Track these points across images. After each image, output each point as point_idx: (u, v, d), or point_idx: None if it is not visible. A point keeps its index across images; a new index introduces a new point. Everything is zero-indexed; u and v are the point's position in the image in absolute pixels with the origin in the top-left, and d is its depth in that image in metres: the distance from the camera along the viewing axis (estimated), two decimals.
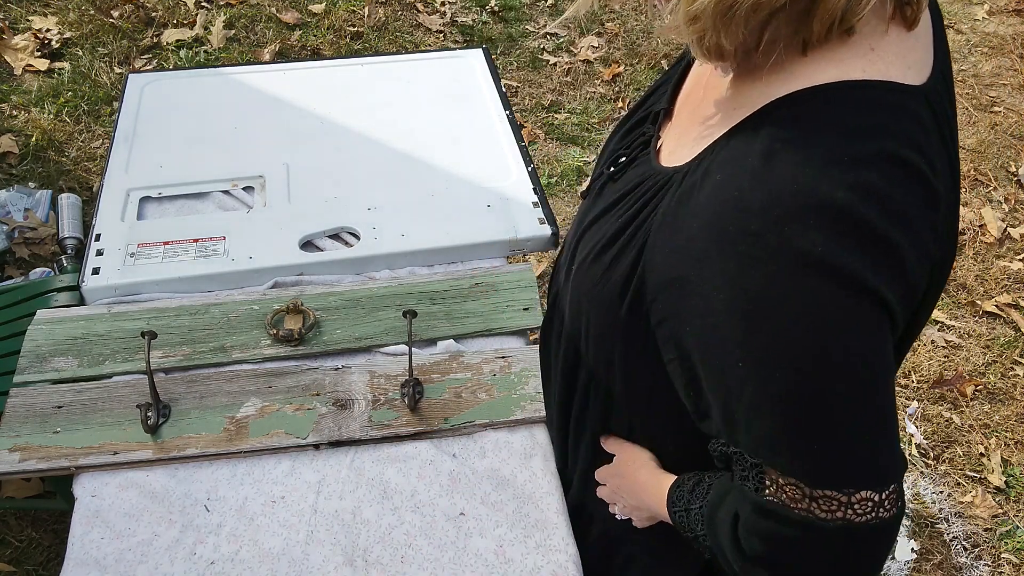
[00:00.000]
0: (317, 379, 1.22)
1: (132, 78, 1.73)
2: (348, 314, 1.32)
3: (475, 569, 1.06)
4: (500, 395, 1.23)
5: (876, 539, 0.66)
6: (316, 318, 1.30)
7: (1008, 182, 3.04)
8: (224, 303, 1.32)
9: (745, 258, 0.62)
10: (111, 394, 1.19)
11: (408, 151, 1.61)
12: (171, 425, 1.16)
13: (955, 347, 2.46)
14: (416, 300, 1.34)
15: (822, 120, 0.63)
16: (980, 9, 3.90)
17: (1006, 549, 2.02)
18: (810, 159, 0.61)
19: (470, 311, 1.34)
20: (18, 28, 3.01)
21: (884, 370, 0.64)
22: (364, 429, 1.17)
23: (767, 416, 0.65)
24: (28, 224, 2.37)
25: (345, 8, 3.34)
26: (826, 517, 0.65)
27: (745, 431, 0.68)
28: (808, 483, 0.65)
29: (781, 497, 0.67)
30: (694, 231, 0.66)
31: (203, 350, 1.25)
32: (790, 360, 0.62)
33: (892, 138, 0.62)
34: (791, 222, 0.60)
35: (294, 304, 1.30)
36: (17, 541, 1.78)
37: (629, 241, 0.77)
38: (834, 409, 0.63)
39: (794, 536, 0.67)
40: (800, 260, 0.60)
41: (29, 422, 1.15)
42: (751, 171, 0.63)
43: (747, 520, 0.71)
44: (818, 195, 0.60)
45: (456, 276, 1.39)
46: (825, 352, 0.61)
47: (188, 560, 1.04)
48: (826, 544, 0.66)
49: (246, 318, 1.30)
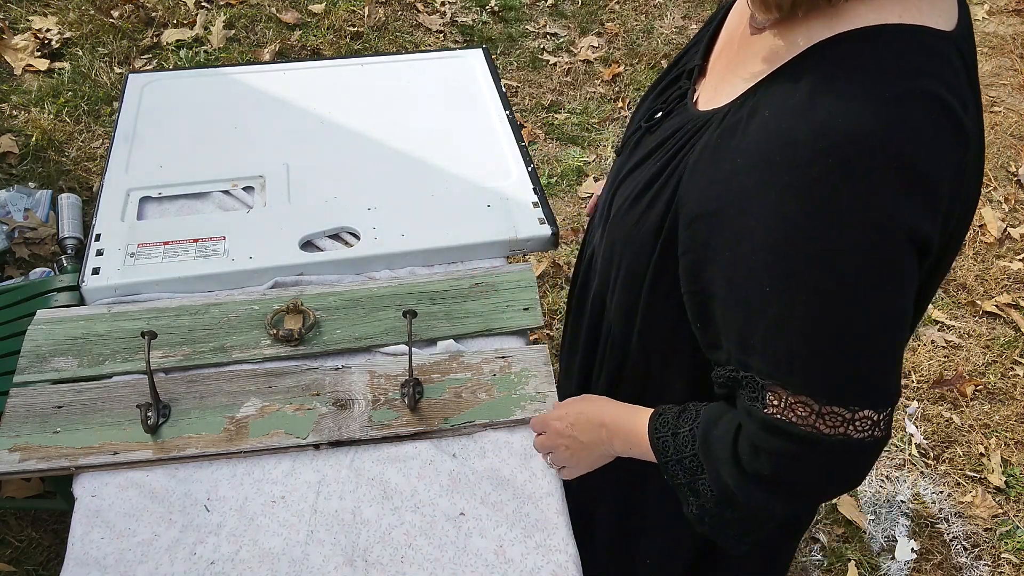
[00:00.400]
0: (317, 379, 1.22)
1: (132, 78, 1.73)
2: (348, 314, 1.31)
3: (475, 569, 1.06)
4: (500, 395, 1.23)
5: (867, 456, 0.73)
6: (316, 318, 1.29)
7: (1008, 182, 3.04)
8: (224, 303, 1.32)
9: (788, 188, 0.66)
10: (111, 394, 1.19)
11: (408, 151, 1.61)
12: (171, 425, 1.16)
13: (955, 347, 2.46)
14: (416, 300, 1.34)
15: (864, 60, 0.66)
16: (980, 9, 3.90)
17: (1006, 549, 2.02)
18: (853, 96, 0.64)
19: (470, 311, 1.34)
20: (18, 28, 3.01)
21: (906, 302, 0.68)
22: (364, 429, 1.17)
23: (788, 338, 0.69)
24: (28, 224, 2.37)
25: (345, 8, 3.34)
26: (830, 433, 0.71)
27: (761, 354, 0.72)
28: (819, 400, 0.70)
29: (788, 416, 0.72)
30: (738, 164, 0.70)
31: (203, 350, 1.25)
32: (821, 286, 0.66)
33: (928, 78, 0.65)
34: (834, 155, 0.64)
35: (294, 304, 1.29)
36: (17, 541, 1.78)
37: (666, 182, 0.80)
38: (855, 335, 0.67)
39: (798, 451, 0.72)
40: (840, 192, 0.64)
41: (29, 422, 1.15)
42: (797, 108, 0.67)
43: (753, 436, 0.75)
44: (860, 130, 0.63)
45: (456, 276, 1.39)
46: (856, 281, 0.66)
47: (188, 560, 1.04)
48: (825, 458, 0.73)
49: (246, 318, 1.30)
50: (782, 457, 0.74)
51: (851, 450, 0.72)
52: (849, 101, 0.64)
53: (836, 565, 1.95)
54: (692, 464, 0.85)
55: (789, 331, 0.69)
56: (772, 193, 0.67)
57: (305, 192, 1.49)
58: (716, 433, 0.81)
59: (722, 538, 0.89)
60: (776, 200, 0.67)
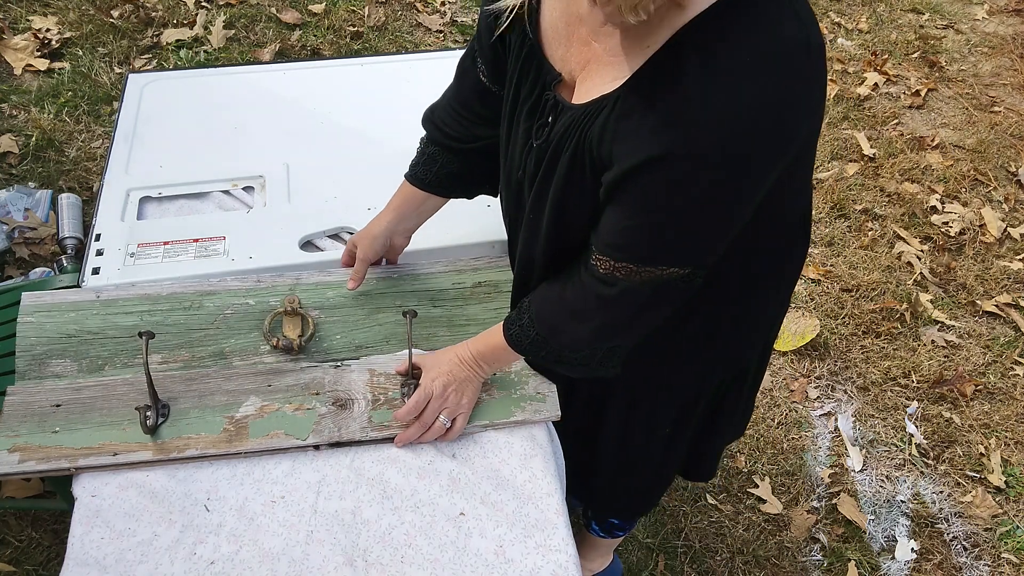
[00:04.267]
0: (317, 377, 1.22)
1: (132, 78, 1.73)
2: (347, 316, 1.30)
3: (475, 569, 1.06)
4: (500, 395, 1.23)
5: (674, 290, 0.95)
6: (315, 323, 1.27)
7: (1008, 182, 3.04)
8: (217, 292, 1.29)
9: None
10: (109, 392, 1.18)
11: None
12: (170, 425, 1.15)
13: (955, 347, 2.46)
14: (417, 300, 1.33)
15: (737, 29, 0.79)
16: (980, 9, 3.90)
17: (1006, 549, 2.02)
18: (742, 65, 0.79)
19: (471, 316, 1.32)
20: (18, 28, 3.01)
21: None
22: (364, 430, 1.17)
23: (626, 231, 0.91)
24: (28, 224, 2.37)
25: (345, 8, 3.34)
26: (640, 279, 0.94)
27: (601, 236, 0.94)
28: (634, 264, 0.92)
29: (615, 273, 0.95)
30: (657, 138, 0.83)
31: (202, 355, 1.24)
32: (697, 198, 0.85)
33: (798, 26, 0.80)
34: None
35: (291, 305, 1.27)
36: (17, 541, 1.78)
37: (581, 159, 0.93)
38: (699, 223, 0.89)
39: (614, 293, 0.96)
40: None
41: (27, 421, 1.14)
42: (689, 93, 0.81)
43: (583, 283, 0.99)
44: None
45: (459, 270, 1.37)
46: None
47: (188, 560, 1.04)
48: (637, 294, 0.95)
49: (243, 316, 1.28)
50: (603, 298, 0.98)
51: (661, 288, 0.95)
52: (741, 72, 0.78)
53: (836, 565, 1.95)
54: (532, 329, 1.08)
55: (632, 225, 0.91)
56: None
57: (305, 192, 1.49)
58: (546, 296, 1.06)
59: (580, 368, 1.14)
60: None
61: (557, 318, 1.05)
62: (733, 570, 1.91)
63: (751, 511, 2.02)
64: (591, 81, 0.92)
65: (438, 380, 1.16)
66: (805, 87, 0.81)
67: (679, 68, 0.80)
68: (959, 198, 2.95)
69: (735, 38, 0.79)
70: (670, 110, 0.81)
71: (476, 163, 1.24)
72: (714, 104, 0.78)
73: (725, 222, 0.89)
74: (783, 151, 0.83)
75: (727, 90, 0.78)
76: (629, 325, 1.02)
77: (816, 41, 0.82)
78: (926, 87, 3.40)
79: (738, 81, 0.78)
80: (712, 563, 1.92)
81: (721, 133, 0.79)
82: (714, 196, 0.85)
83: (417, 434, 1.16)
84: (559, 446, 1.25)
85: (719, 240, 0.92)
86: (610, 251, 0.94)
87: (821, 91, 0.85)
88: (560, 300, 1.04)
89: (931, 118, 3.29)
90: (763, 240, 1.01)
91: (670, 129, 0.81)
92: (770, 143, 0.81)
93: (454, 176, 1.26)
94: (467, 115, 1.19)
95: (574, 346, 1.08)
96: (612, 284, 0.95)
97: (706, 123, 0.79)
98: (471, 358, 1.17)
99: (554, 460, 1.21)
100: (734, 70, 0.78)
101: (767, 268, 1.09)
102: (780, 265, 1.11)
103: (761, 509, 2.02)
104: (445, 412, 1.16)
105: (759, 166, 0.83)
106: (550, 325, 1.07)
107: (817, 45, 0.82)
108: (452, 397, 1.16)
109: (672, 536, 1.95)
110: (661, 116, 0.82)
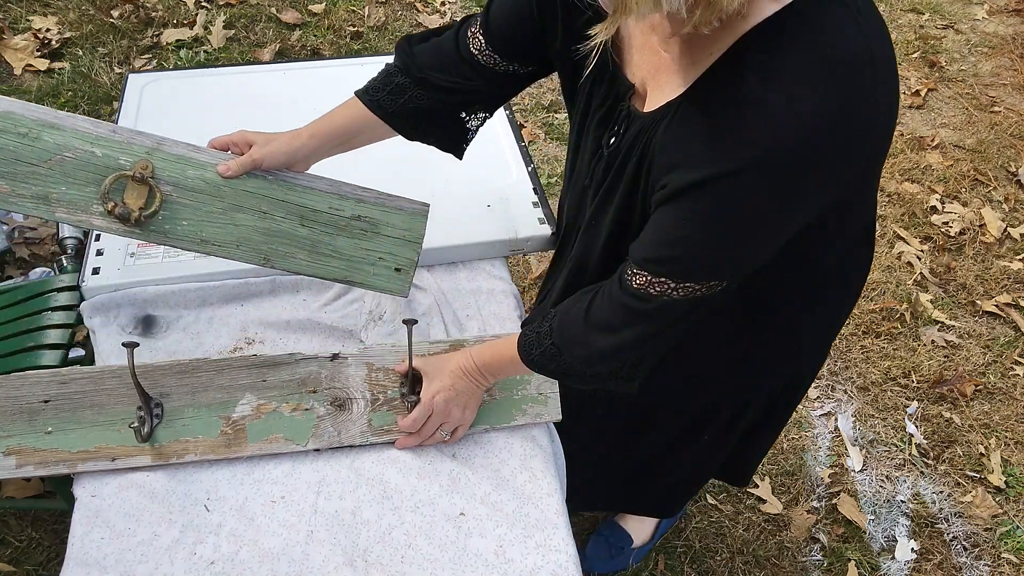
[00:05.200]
0: (313, 372, 1.20)
1: (132, 78, 1.73)
2: (202, 203, 1.14)
3: (475, 569, 1.06)
4: (502, 396, 1.22)
5: (708, 302, 0.93)
6: (163, 199, 1.12)
7: (1008, 182, 3.04)
8: (62, 129, 1.09)
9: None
10: (98, 386, 1.15)
11: (408, 151, 1.60)
12: (166, 427, 1.14)
13: (955, 347, 2.46)
14: (285, 213, 1.18)
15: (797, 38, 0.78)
16: (980, 9, 3.90)
17: (1006, 549, 2.02)
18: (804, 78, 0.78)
19: (337, 249, 1.20)
20: (18, 28, 3.01)
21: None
22: (364, 435, 1.16)
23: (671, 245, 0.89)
24: (28, 224, 2.37)
25: (345, 8, 3.33)
26: (677, 295, 0.92)
27: (642, 249, 0.92)
28: (673, 280, 0.90)
29: (649, 288, 0.92)
30: (707, 149, 0.83)
31: (23, 193, 1.08)
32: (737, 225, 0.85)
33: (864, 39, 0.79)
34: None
35: (142, 172, 1.10)
36: (17, 541, 1.78)
37: (641, 164, 0.93)
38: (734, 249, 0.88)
39: (649, 308, 0.94)
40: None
41: (18, 420, 1.12)
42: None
43: (611, 294, 0.97)
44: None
45: (342, 195, 1.21)
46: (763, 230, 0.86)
47: (188, 560, 1.04)
48: (671, 308, 0.93)
49: (83, 165, 1.10)
50: (634, 312, 0.96)
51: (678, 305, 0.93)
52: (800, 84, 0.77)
53: (836, 565, 1.95)
54: (550, 337, 1.05)
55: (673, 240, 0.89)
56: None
57: None
58: (572, 311, 1.02)
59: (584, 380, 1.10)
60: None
61: (576, 329, 1.02)
62: (733, 570, 1.91)
63: (751, 511, 2.02)
64: (660, 90, 0.92)
65: (440, 396, 1.14)
66: (865, 101, 0.79)
67: (738, 77, 0.80)
68: (959, 198, 2.95)
69: (795, 49, 0.77)
70: (725, 120, 0.80)
71: (442, 109, 1.19)
72: (770, 115, 0.77)
73: (772, 238, 0.87)
74: (838, 166, 0.81)
75: (784, 102, 0.76)
76: (658, 338, 1.00)
77: (881, 54, 0.80)
78: (926, 87, 3.40)
79: (795, 93, 0.76)
80: (712, 563, 1.92)
81: (775, 146, 0.77)
82: (763, 212, 0.83)
83: (417, 443, 1.17)
84: (559, 446, 1.25)
85: (764, 254, 0.90)
86: (650, 265, 0.91)
87: (887, 106, 0.82)
88: (586, 313, 1.01)
89: (931, 118, 3.29)
90: (823, 255, 1.00)
91: (723, 141, 0.80)
92: (824, 158, 0.79)
93: (420, 113, 1.18)
94: (452, 64, 1.15)
95: (589, 361, 1.03)
96: (645, 300, 0.93)
97: (760, 135, 0.77)
98: (475, 369, 1.15)
99: (554, 460, 1.21)
100: (792, 81, 0.77)
101: (825, 283, 1.07)
102: (842, 279, 1.09)
103: (761, 509, 2.02)
104: (446, 426, 1.16)
105: (811, 182, 0.81)
106: (569, 336, 1.03)
107: (883, 58, 0.80)
108: (455, 412, 1.15)
109: (672, 536, 1.95)
110: (716, 126, 0.81)
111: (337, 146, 1.22)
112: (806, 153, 0.77)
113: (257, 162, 1.16)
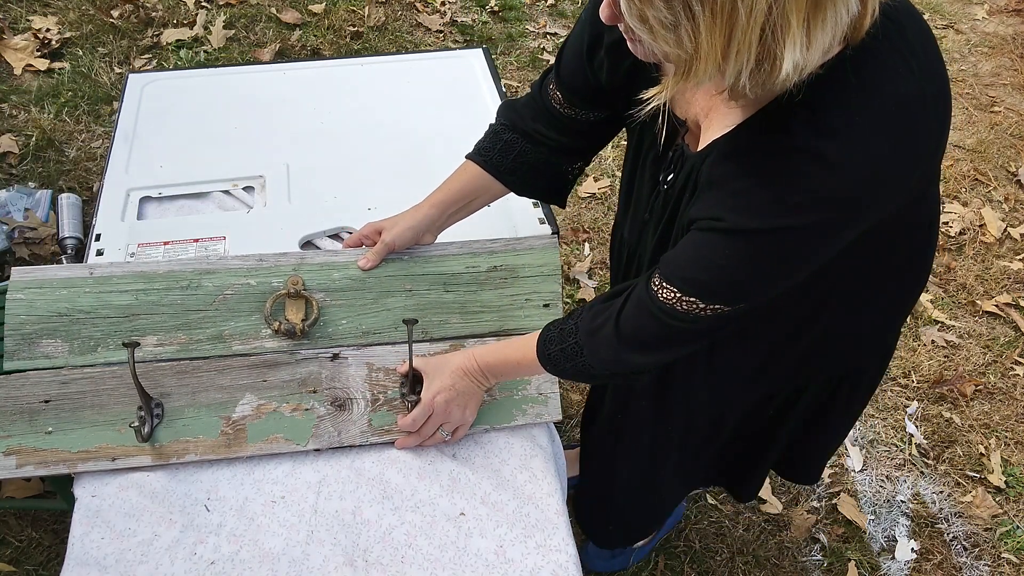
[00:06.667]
0: (313, 372, 1.20)
1: (132, 78, 1.73)
2: (353, 300, 1.24)
3: (475, 569, 1.06)
4: (502, 396, 1.22)
5: (735, 320, 0.94)
6: (319, 306, 1.22)
7: (1008, 182, 3.04)
8: (217, 272, 1.23)
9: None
10: (99, 386, 1.15)
11: (408, 151, 1.61)
12: (166, 427, 1.14)
13: (955, 347, 2.46)
14: (428, 284, 1.26)
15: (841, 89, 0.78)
16: (980, 9, 3.90)
17: (1006, 549, 2.02)
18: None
19: (486, 303, 1.27)
20: (18, 28, 3.01)
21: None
22: (364, 435, 1.16)
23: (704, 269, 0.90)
24: (28, 224, 2.37)
25: (345, 8, 3.33)
26: (704, 314, 0.92)
27: (674, 263, 0.93)
28: (703, 300, 0.91)
29: (677, 305, 0.92)
30: (747, 184, 0.85)
31: (199, 338, 1.19)
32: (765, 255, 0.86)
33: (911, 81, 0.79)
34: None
35: (295, 287, 1.21)
36: (17, 541, 1.78)
37: (691, 200, 0.95)
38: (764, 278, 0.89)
39: (678, 326, 0.94)
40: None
41: (18, 420, 1.13)
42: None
43: (642, 302, 0.96)
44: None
45: (474, 252, 1.30)
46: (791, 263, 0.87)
47: (188, 560, 1.04)
48: (699, 323, 0.93)
49: (243, 297, 1.22)
50: (661, 325, 0.95)
51: (703, 323, 0.94)
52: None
53: (836, 565, 1.95)
54: (573, 338, 1.04)
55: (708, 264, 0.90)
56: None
57: (305, 192, 1.49)
58: (599, 320, 1.02)
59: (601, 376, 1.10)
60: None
61: (606, 335, 1.01)
62: (733, 570, 1.91)
63: (751, 511, 2.02)
64: (712, 129, 0.93)
65: (440, 396, 1.14)
66: (916, 138, 0.80)
67: (785, 121, 0.80)
68: (959, 198, 2.95)
69: (845, 95, 0.78)
70: (771, 162, 0.82)
71: (552, 161, 1.21)
72: (815, 162, 0.78)
73: (805, 270, 0.89)
74: (892, 198, 0.82)
75: (830, 150, 0.77)
76: (682, 348, 1.00)
77: (931, 90, 0.80)
78: None
79: (843, 141, 0.77)
80: (712, 563, 1.92)
81: (831, 196, 0.79)
82: (810, 253, 0.85)
83: (417, 443, 1.17)
84: (560, 446, 1.25)
85: (794, 281, 0.90)
86: (680, 283, 0.92)
87: (939, 123, 0.84)
88: (617, 320, 1.00)
89: None
90: (888, 255, 1.01)
91: (767, 182, 0.81)
92: (877, 200, 0.81)
93: (531, 167, 1.22)
94: (546, 119, 1.18)
95: (613, 368, 1.03)
96: (673, 316, 0.93)
97: (802, 180, 0.79)
98: (477, 370, 1.15)
99: (554, 461, 1.21)
100: (840, 129, 0.77)
101: (877, 286, 1.07)
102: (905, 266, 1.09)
103: (761, 509, 2.02)
104: (446, 426, 1.16)
105: (862, 221, 0.83)
106: (597, 340, 1.03)
107: (932, 94, 0.81)
108: (455, 412, 1.15)
109: (672, 536, 1.95)
110: (760, 166, 0.83)
111: (457, 212, 1.28)
112: (859, 196, 0.79)
113: (390, 246, 1.25)
